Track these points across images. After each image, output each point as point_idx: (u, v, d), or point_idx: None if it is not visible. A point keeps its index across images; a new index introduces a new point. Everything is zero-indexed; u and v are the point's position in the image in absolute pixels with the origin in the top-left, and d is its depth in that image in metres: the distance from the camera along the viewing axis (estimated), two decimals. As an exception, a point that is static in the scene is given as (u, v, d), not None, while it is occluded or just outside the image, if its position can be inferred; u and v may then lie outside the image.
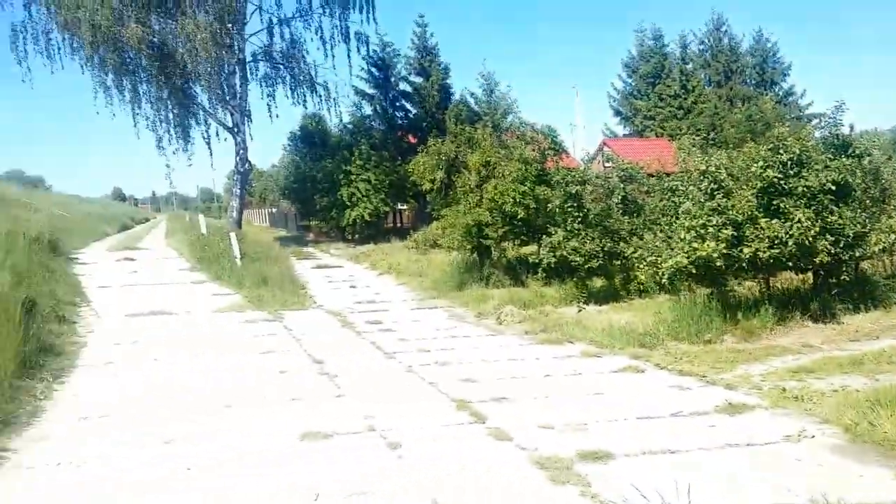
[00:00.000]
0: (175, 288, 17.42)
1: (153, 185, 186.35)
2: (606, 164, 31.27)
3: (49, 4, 26.44)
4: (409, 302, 16.91)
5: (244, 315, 14.36)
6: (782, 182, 11.37)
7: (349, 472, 5.83)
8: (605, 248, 14.71)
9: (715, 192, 11.46)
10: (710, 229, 10.97)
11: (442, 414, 7.50)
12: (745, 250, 11.07)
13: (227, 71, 29.89)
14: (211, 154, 32.17)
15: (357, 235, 32.56)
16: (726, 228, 10.97)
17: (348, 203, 32.30)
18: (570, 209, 14.91)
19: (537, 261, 15.87)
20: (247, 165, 32.47)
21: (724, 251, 10.87)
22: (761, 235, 11.12)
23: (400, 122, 37.48)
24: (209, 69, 28.18)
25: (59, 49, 27.31)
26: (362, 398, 8.11)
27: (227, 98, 30.13)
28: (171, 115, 29.85)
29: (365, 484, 5.55)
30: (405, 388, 8.65)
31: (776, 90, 51.21)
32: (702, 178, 11.71)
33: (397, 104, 37.60)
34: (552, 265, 15.10)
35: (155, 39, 27.69)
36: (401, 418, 7.30)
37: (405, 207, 37.51)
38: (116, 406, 7.91)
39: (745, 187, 11.65)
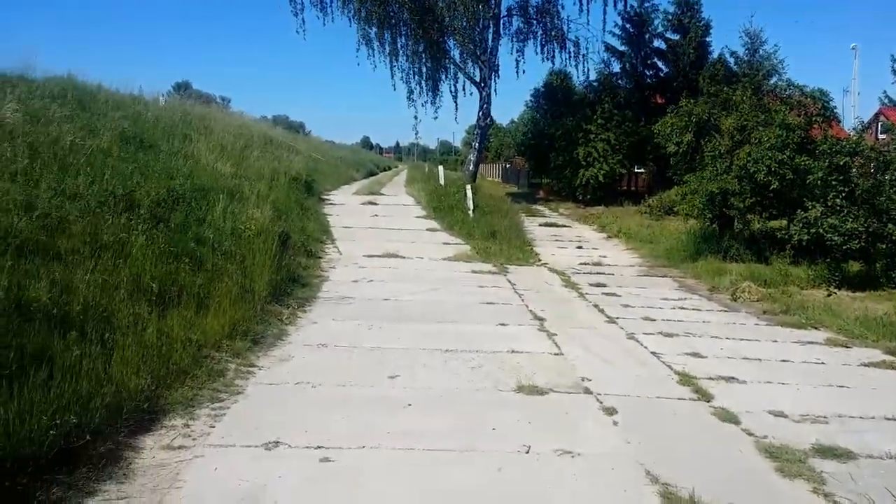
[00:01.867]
0: (410, 234, 18.25)
1: (397, 136, 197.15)
2: (881, 136, 27.70)
3: (326, -41, 28.24)
4: (636, 268, 16.32)
5: (471, 265, 14.68)
6: None
7: (560, 430, 5.76)
8: (870, 229, 13.09)
9: None
10: None
11: (663, 386, 7.17)
12: None
13: (481, 25, 30.24)
14: (456, 107, 33.07)
15: (588, 196, 31.94)
16: None
17: (583, 163, 31.72)
18: (833, 182, 13.45)
19: (786, 237, 14.56)
20: (488, 120, 32.94)
21: None
22: None
23: (648, 80, 35.74)
24: (464, 23, 28.81)
25: (331, 2, 29.10)
26: (580, 359, 7.96)
27: (478, 52, 30.58)
28: (424, 69, 30.94)
29: (576, 444, 5.46)
30: (625, 355, 8.35)
31: None
32: None
33: (648, 62, 35.80)
34: (803, 242, 13.75)
35: (418, -7, 28.73)
36: (618, 385, 7.08)
37: (642, 171, 36.09)
38: (351, 336, 8.44)
39: None
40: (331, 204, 22.89)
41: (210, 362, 6.82)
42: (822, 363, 8.41)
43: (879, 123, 36.02)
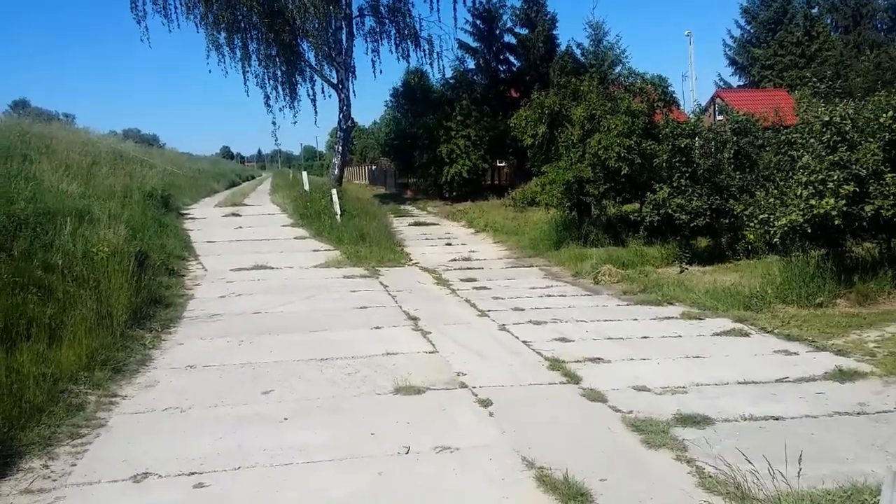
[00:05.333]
0: (277, 244, 17.88)
1: (259, 144, 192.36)
2: (719, 118, 29.76)
3: (167, -37, 27.08)
4: (504, 260, 16.78)
5: (342, 270, 14.59)
6: (914, 134, 10.46)
7: (439, 427, 5.83)
8: (713, 206, 14.02)
9: (838, 145, 10.65)
10: (830, 185, 10.22)
11: (535, 373, 7.39)
12: (867, 208, 10.28)
13: (333, 27, 29.96)
14: (315, 111, 32.96)
15: (455, 193, 32.47)
16: (848, 184, 10.19)
17: (447, 160, 32.20)
18: (677, 164, 14.25)
19: (639, 219, 15.35)
20: (349, 122, 32.79)
21: (844, 209, 10.12)
22: (886, 192, 10.29)
23: (503, 75, 36.74)
24: (317, 25, 28.37)
25: (175, 7, 28.03)
26: (455, 355, 8.08)
27: (333, 54, 30.31)
28: (278, 73, 30.37)
29: (455, 439, 5.53)
30: (497, 346, 8.56)
31: (910, 35, 47.41)
32: (824, 129, 10.88)
33: (501, 57, 36.77)
34: (655, 223, 14.56)
35: (266, -5, 28.08)
36: (492, 376, 7.25)
37: (504, 165, 37.07)
38: (221, 355, 8.18)
39: (870, 140, 10.76)
40: (191, 218, 22.05)
41: (68, 396, 6.42)
42: (679, 336, 8.96)
43: (716, 105, 38.73)
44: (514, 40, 36.30)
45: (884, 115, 10.62)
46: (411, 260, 16.54)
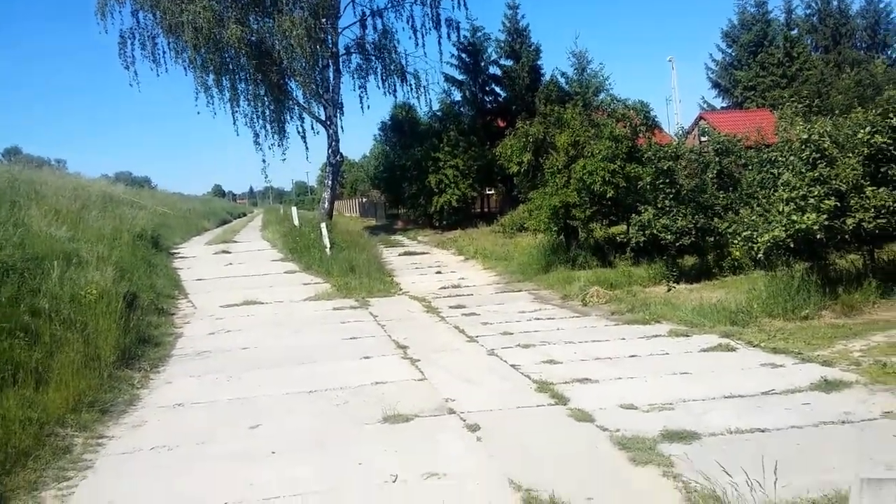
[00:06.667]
0: (267, 279, 17.92)
1: (250, 181, 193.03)
2: (702, 139, 30.07)
3: (155, 10, 27.41)
4: (493, 286, 16.82)
5: (331, 302, 14.61)
6: (892, 148, 10.64)
7: (427, 455, 5.81)
8: (698, 225, 14.15)
9: (817, 162, 10.80)
10: (811, 200, 10.38)
11: (523, 396, 7.40)
12: (849, 221, 10.43)
13: (320, 65, 30.38)
14: (306, 147, 33.66)
15: (444, 222, 32.65)
16: (829, 199, 10.34)
17: (436, 190, 32.40)
18: (661, 185, 14.40)
19: (626, 240, 15.46)
20: (338, 157, 33.00)
21: (826, 223, 10.26)
22: (866, 205, 10.45)
23: (489, 106, 37.17)
24: (304, 64, 28.72)
25: (164, 53, 28.55)
26: (443, 381, 8.09)
27: (321, 92, 30.64)
28: (267, 112, 30.64)
29: (442, 465, 5.52)
30: (486, 371, 8.56)
31: (889, 53, 48.12)
32: (803, 147, 11.05)
33: (487, 88, 37.25)
34: (641, 244, 14.66)
35: (253, 38, 28.36)
36: (481, 400, 7.24)
37: (493, 192, 37.33)
38: (209, 392, 8.16)
39: (850, 155, 10.93)
40: (181, 257, 22.09)
41: (54, 439, 6.38)
42: (667, 354, 8.99)
43: (700, 126, 39.09)
44: (499, 72, 36.78)
45: (862, 131, 10.81)
46: (401, 289, 16.56)
